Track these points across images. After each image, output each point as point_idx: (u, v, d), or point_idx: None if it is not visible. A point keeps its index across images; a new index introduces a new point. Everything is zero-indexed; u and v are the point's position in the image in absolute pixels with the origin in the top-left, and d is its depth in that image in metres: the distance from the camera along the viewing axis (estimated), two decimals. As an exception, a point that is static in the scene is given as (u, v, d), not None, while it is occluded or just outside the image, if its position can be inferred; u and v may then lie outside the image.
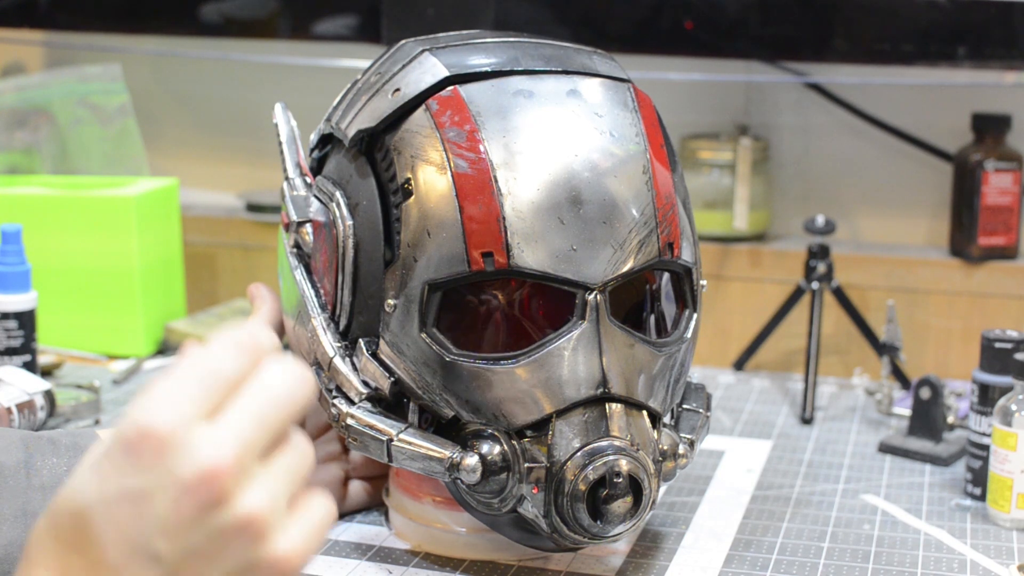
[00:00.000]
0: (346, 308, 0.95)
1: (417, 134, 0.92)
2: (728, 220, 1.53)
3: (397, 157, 0.93)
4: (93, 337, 1.49)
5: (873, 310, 1.48)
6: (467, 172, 0.90)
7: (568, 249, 0.89)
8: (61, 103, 1.64)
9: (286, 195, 1.02)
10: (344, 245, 0.94)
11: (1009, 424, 1.07)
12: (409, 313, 0.91)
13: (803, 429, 1.31)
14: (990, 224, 1.47)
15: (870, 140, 1.57)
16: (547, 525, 0.90)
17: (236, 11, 1.65)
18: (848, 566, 1.00)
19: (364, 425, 0.93)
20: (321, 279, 0.99)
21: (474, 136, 0.91)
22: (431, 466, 0.91)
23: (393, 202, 0.93)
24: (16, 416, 1.17)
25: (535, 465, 0.89)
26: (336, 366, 0.95)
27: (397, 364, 0.93)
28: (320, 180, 1.01)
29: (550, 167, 0.90)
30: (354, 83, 1.02)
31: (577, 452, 0.88)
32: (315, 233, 1.00)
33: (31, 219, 1.43)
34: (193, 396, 0.55)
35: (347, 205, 0.95)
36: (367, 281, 0.94)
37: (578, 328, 0.90)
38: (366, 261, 0.94)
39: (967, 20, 1.41)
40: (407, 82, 0.95)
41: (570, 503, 0.88)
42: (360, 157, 0.96)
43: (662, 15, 1.48)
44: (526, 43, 0.98)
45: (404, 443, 0.92)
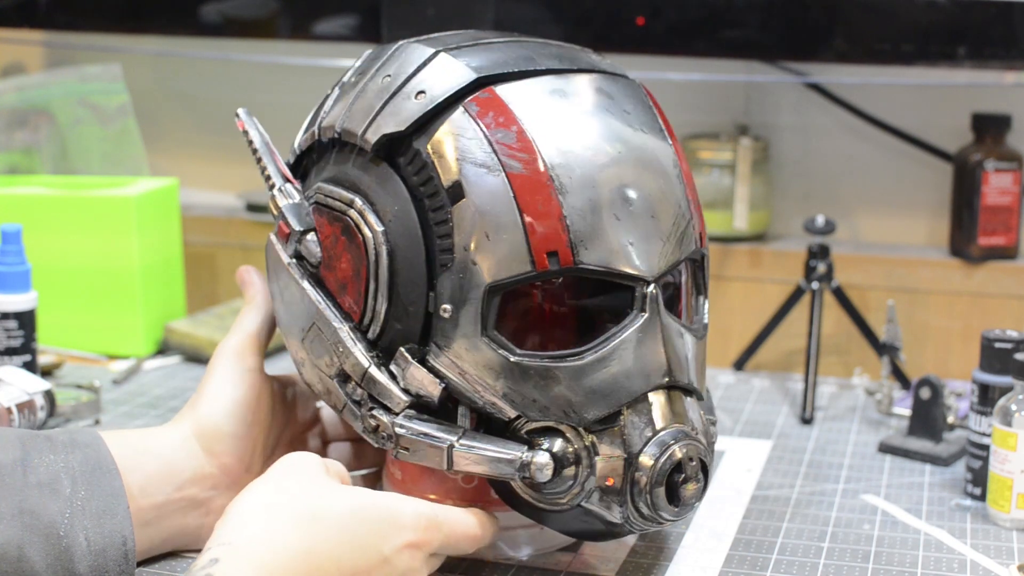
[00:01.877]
0: (379, 317, 0.93)
1: (460, 136, 0.91)
2: (728, 220, 1.53)
3: (438, 160, 0.91)
4: (93, 337, 1.49)
5: (873, 310, 1.48)
6: (522, 173, 0.90)
7: (625, 244, 0.91)
8: (61, 103, 1.64)
9: (281, 204, 0.99)
10: (376, 252, 0.92)
11: (1009, 424, 1.07)
12: (469, 317, 0.90)
13: (803, 429, 1.31)
14: (990, 224, 1.47)
15: (870, 140, 1.57)
16: (620, 515, 0.92)
17: (236, 11, 1.65)
18: (848, 566, 1.00)
19: (418, 434, 0.92)
20: (341, 289, 0.96)
21: (524, 136, 0.91)
22: (499, 468, 0.91)
23: (430, 205, 0.91)
24: (16, 416, 1.17)
25: (610, 457, 0.91)
26: (373, 376, 0.93)
27: (452, 369, 0.92)
28: (322, 187, 0.97)
29: (600, 165, 0.92)
30: (342, 86, 1.00)
31: (650, 441, 0.90)
32: (326, 242, 0.97)
33: (31, 219, 1.43)
34: None
35: (373, 211, 0.93)
36: (407, 288, 0.92)
37: (640, 320, 0.92)
38: (405, 268, 0.92)
39: (967, 20, 1.41)
40: (431, 85, 0.93)
41: (650, 490, 0.90)
42: (381, 162, 0.94)
43: (662, 15, 1.48)
44: (531, 42, 0.98)
45: (466, 447, 0.91)
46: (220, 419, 0.99)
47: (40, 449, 0.93)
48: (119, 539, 0.91)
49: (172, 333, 1.49)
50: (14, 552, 0.87)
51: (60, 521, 0.89)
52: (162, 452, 0.97)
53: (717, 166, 1.53)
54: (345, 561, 0.84)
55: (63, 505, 0.90)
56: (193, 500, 0.98)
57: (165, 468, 0.97)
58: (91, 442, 0.95)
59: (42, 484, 0.91)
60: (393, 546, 0.87)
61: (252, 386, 1.01)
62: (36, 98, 1.64)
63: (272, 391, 1.03)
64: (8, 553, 0.87)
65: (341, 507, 0.86)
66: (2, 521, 0.88)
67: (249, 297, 1.06)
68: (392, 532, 0.87)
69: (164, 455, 0.97)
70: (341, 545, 0.85)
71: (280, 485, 0.87)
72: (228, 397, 1.00)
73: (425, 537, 0.89)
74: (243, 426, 1.00)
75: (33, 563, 0.88)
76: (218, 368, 1.01)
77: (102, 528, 0.91)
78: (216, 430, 0.99)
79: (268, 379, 1.03)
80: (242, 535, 0.82)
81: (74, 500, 0.91)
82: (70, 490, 0.91)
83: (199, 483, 0.98)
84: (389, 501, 0.89)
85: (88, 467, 0.93)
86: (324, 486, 0.88)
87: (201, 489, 0.98)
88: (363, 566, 0.85)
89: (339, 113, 0.97)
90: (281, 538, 0.83)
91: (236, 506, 0.85)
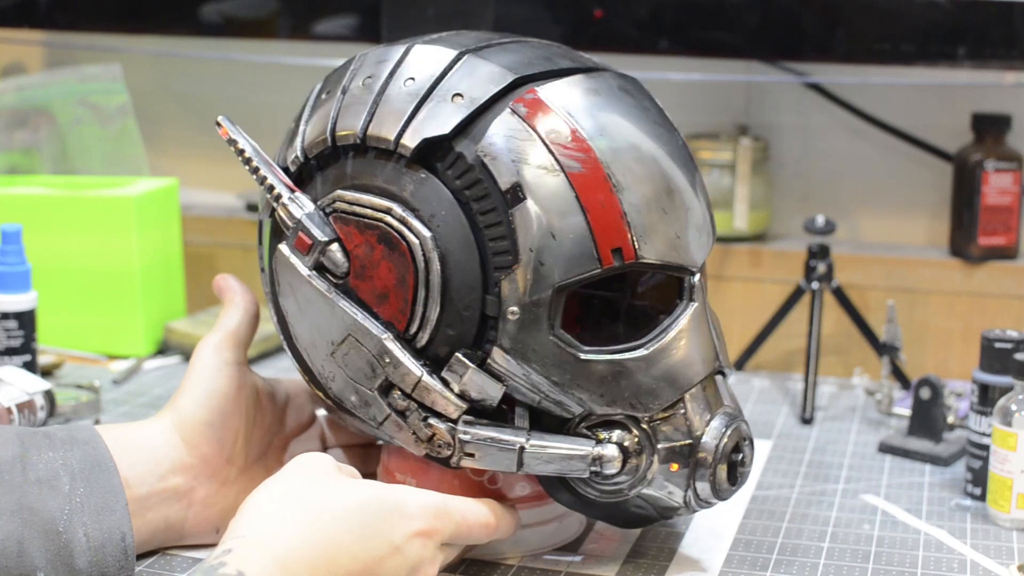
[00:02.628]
0: (430, 323, 0.92)
1: (512, 138, 0.91)
2: (728, 220, 1.53)
3: (492, 163, 0.90)
4: (93, 337, 1.49)
5: (873, 310, 1.48)
6: (581, 172, 0.91)
7: (675, 237, 0.94)
8: (61, 103, 1.64)
9: (298, 215, 0.95)
10: (426, 258, 0.91)
11: (1009, 424, 1.06)
12: (536, 317, 0.91)
13: (803, 429, 1.31)
14: (990, 224, 1.47)
15: (870, 140, 1.57)
16: (682, 499, 0.95)
17: (236, 11, 1.65)
18: (848, 566, 1.00)
19: (485, 438, 0.93)
20: (380, 299, 0.93)
21: (577, 136, 0.91)
22: (571, 465, 0.93)
23: (478, 208, 0.91)
24: (16, 416, 1.17)
25: (676, 443, 0.94)
26: (428, 385, 0.92)
27: (517, 370, 0.91)
28: (343, 195, 0.94)
29: (647, 160, 0.93)
30: (345, 91, 0.96)
31: (710, 424, 0.95)
32: (357, 251, 0.93)
33: (31, 219, 1.43)
34: None
35: (416, 217, 0.92)
36: (460, 292, 0.91)
37: (691, 309, 0.96)
38: (457, 272, 0.91)
39: (967, 20, 1.41)
40: (467, 87, 0.92)
41: (714, 472, 0.95)
42: (419, 167, 0.92)
43: (662, 15, 1.48)
44: (533, 42, 0.99)
45: (538, 448, 0.92)
46: (196, 409, 1.00)
47: (39, 446, 0.93)
48: (118, 535, 0.91)
49: (172, 333, 1.49)
50: (14, 548, 0.88)
51: (59, 517, 0.90)
52: (144, 444, 0.98)
53: (717, 166, 1.53)
54: (357, 551, 0.85)
55: (62, 502, 0.91)
56: (176, 491, 0.98)
57: (147, 459, 0.97)
58: (90, 439, 0.95)
59: (41, 481, 0.91)
60: (403, 535, 0.88)
61: (230, 377, 1.01)
62: (36, 98, 1.64)
63: (256, 387, 1.04)
64: (8, 549, 0.88)
65: (349, 499, 0.87)
66: (2, 517, 0.89)
67: (228, 300, 1.07)
68: (400, 521, 0.88)
69: (146, 447, 0.98)
70: (351, 535, 0.85)
71: (290, 482, 0.88)
72: (204, 387, 1.01)
73: (435, 525, 0.90)
74: (219, 416, 1.00)
75: (33, 558, 0.88)
76: (197, 362, 1.03)
77: (101, 524, 0.91)
78: (192, 419, 1.00)
79: (249, 374, 1.04)
80: (254, 528, 0.83)
81: (73, 497, 0.91)
82: (69, 487, 0.91)
83: (180, 473, 0.99)
84: (396, 492, 0.89)
85: (87, 464, 0.93)
86: (334, 481, 0.88)
87: (183, 479, 0.99)
88: (375, 556, 0.86)
89: (357, 119, 0.94)
90: (293, 530, 0.84)
91: (248, 502, 0.86)
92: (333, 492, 0.87)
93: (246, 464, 1.03)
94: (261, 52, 1.70)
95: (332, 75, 1.00)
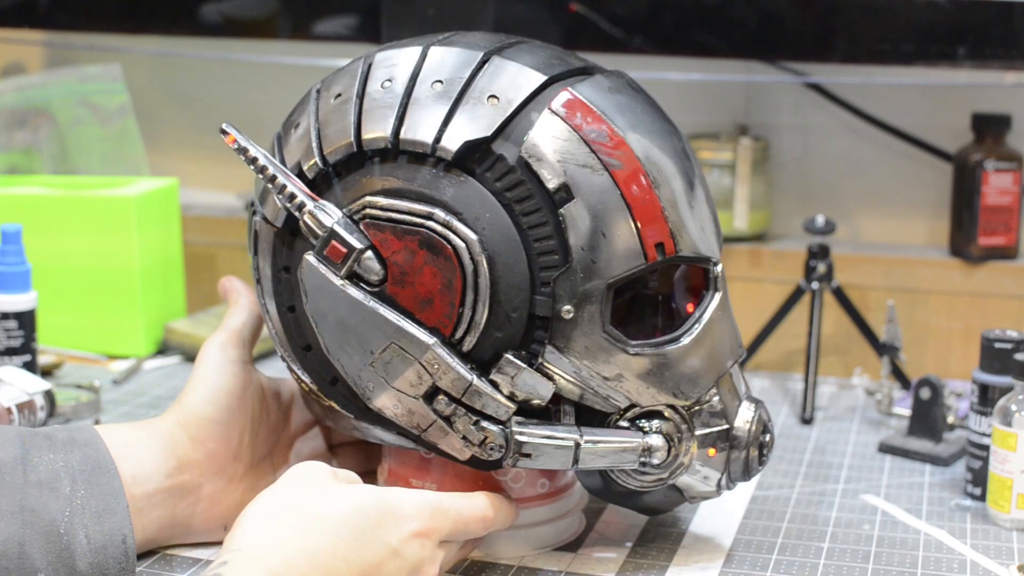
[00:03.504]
0: (478, 327, 0.91)
1: (556, 138, 0.92)
2: (728, 220, 1.53)
3: (537, 164, 0.91)
4: (93, 337, 1.49)
5: (873, 310, 1.48)
6: (623, 170, 0.92)
7: (700, 229, 0.97)
8: (61, 103, 1.64)
9: (329, 224, 0.92)
10: (474, 262, 0.91)
11: (1009, 424, 1.07)
12: (590, 315, 0.92)
13: (803, 429, 1.31)
14: (990, 224, 1.47)
15: (870, 140, 1.57)
16: (717, 482, 0.99)
17: (236, 11, 1.65)
18: (848, 566, 1.00)
19: (542, 437, 0.93)
20: (424, 304, 0.92)
21: (615, 135, 0.93)
22: (623, 458, 0.95)
23: (522, 209, 0.91)
24: (16, 416, 1.17)
25: (712, 429, 0.98)
26: (479, 388, 0.92)
27: (568, 368, 0.93)
28: (374, 201, 0.92)
29: (671, 156, 0.96)
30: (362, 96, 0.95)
31: (739, 409, 0.99)
32: (395, 258, 0.92)
33: (31, 219, 1.43)
34: None
35: (460, 220, 0.91)
36: (508, 294, 0.91)
37: (716, 299, 0.99)
38: (506, 274, 0.91)
39: (967, 20, 1.41)
40: (501, 88, 0.93)
41: (747, 454, 0.99)
42: (458, 171, 0.92)
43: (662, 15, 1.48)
44: (535, 43, 1.00)
45: (592, 443, 0.94)
46: (202, 406, 1.01)
47: (40, 447, 0.93)
48: (119, 537, 0.92)
49: (172, 333, 1.49)
50: (15, 549, 0.88)
51: (60, 519, 0.90)
52: (150, 442, 0.98)
53: (717, 166, 1.53)
54: (353, 558, 0.85)
55: (63, 504, 0.91)
56: (182, 488, 0.99)
57: (154, 457, 0.98)
58: (90, 440, 0.95)
59: (42, 483, 0.91)
60: (399, 537, 0.88)
61: (235, 375, 1.02)
62: (36, 98, 1.64)
63: (261, 386, 1.05)
64: (9, 550, 0.88)
65: (343, 506, 0.87)
66: (3, 519, 0.89)
67: (232, 301, 1.07)
68: (396, 523, 0.88)
69: (153, 445, 0.98)
70: (346, 542, 0.85)
71: (286, 493, 0.88)
72: (210, 384, 1.01)
73: (431, 524, 0.90)
74: (225, 412, 1.01)
75: (34, 560, 0.88)
76: (202, 361, 1.03)
77: (102, 526, 0.91)
78: (199, 416, 1.00)
79: (254, 372, 1.04)
80: (249, 541, 0.84)
81: (73, 499, 0.91)
82: (69, 489, 0.92)
83: (187, 470, 0.99)
84: (390, 494, 0.89)
85: (87, 467, 0.93)
86: (328, 488, 0.88)
87: (190, 476, 0.99)
88: (372, 561, 0.86)
89: (385, 123, 0.93)
90: (287, 541, 0.84)
91: (244, 515, 0.86)
92: (327, 500, 0.87)
93: (252, 461, 1.03)
94: (261, 52, 1.70)
95: (335, 79, 0.98)
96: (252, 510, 0.86)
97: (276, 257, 0.98)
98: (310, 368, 0.98)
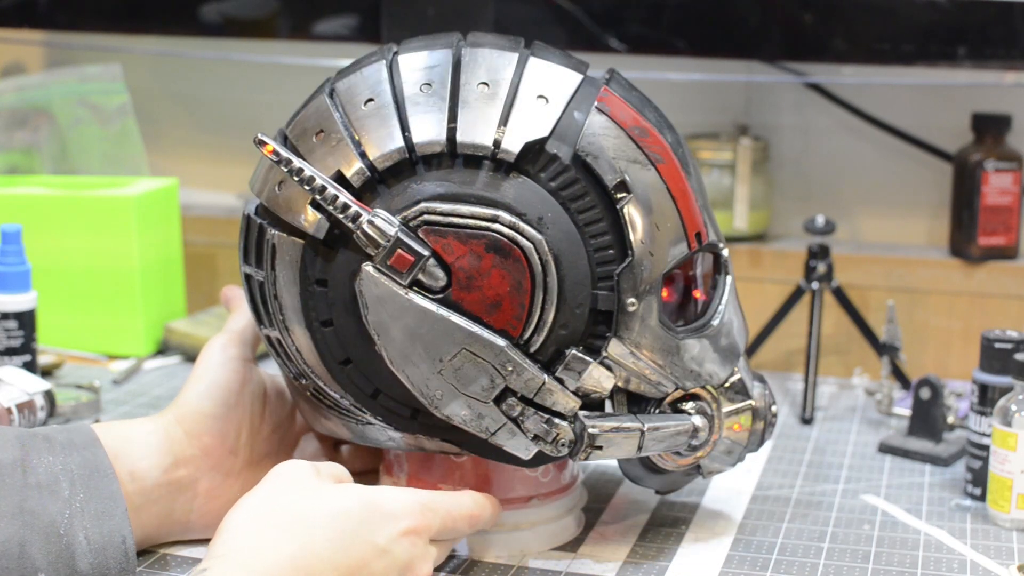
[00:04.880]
0: (546, 325, 0.92)
1: (607, 136, 0.94)
2: (728, 220, 1.53)
3: (594, 161, 0.93)
4: (93, 337, 1.49)
5: (873, 310, 1.48)
6: (663, 163, 0.96)
7: (709, 217, 1.01)
8: (61, 103, 1.64)
9: (392, 233, 0.90)
10: (543, 261, 0.91)
11: (1009, 424, 1.07)
12: (649, 306, 0.95)
13: (803, 429, 1.31)
14: (990, 224, 1.47)
15: (870, 140, 1.57)
16: (737, 457, 1.03)
17: (236, 11, 1.65)
18: (848, 566, 1.00)
19: (611, 429, 0.95)
20: (492, 307, 0.91)
21: (651, 130, 0.96)
22: (676, 441, 0.99)
23: (577, 207, 0.92)
24: (16, 416, 1.17)
25: (736, 405, 1.02)
26: (550, 387, 0.93)
27: (629, 359, 0.95)
28: (432, 207, 0.91)
29: (682, 147, 1.01)
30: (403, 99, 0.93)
31: (753, 387, 1.03)
32: (460, 263, 0.91)
33: (31, 219, 1.43)
34: None
35: (524, 221, 0.91)
36: (573, 291, 0.92)
37: (727, 282, 1.03)
38: (571, 271, 0.92)
39: (967, 20, 1.41)
40: (546, 88, 0.94)
41: (763, 429, 1.04)
42: (514, 171, 0.92)
43: (662, 15, 1.48)
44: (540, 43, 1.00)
45: (654, 429, 0.97)
46: (198, 401, 1.01)
47: (39, 449, 0.93)
48: (118, 538, 0.92)
49: (172, 333, 1.49)
50: (15, 549, 0.88)
51: (60, 520, 0.90)
52: (148, 439, 0.99)
53: (717, 166, 1.53)
54: (339, 560, 0.85)
55: (62, 506, 0.91)
56: (179, 484, 0.99)
57: (151, 453, 0.98)
58: (88, 444, 0.95)
59: (41, 485, 0.91)
60: (388, 536, 0.87)
61: (234, 371, 1.02)
62: (36, 98, 1.64)
63: (263, 383, 1.05)
64: (9, 551, 0.88)
65: (328, 507, 0.87)
66: (3, 519, 0.89)
67: (235, 307, 1.08)
68: (384, 523, 0.88)
69: (150, 441, 0.99)
70: (332, 543, 0.85)
71: (268, 495, 0.88)
72: (208, 381, 1.02)
73: (422, 522, 0.90)
74: (221, 407, 1.01)
75: (34, 560, 0.88)
76: (202, 360, 1.03)
77: (101, 528, 0.91)
78: (194, 411, 1.01)
79: (255, 370, 1.05)
80: (232, 547, 0.84)
81: (73, 502, 0.91)
82: (68, 492, 0.92)
83: (184, 465, 0.99)
84: (377, 494, 0.89)
85: (86, 470, 0.93)
86: (311, 489, 0.88)
87: (187, 471, 0.99)
88: (358, 561, 0.86)
89: (437, 127, 0.92)
90: (270, 545, 0.83)
91: (227, 521, 0.86)
92: (311, 502, 0.87)
93: (253, 458, 1.03)
94: (261, 52, 1.70)
95: (354, 84, 0.95)
96: (234, 515, 0.86)
97: (306, 270, 0.93)
98: (347, 382, 0.95)
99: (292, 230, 0.93)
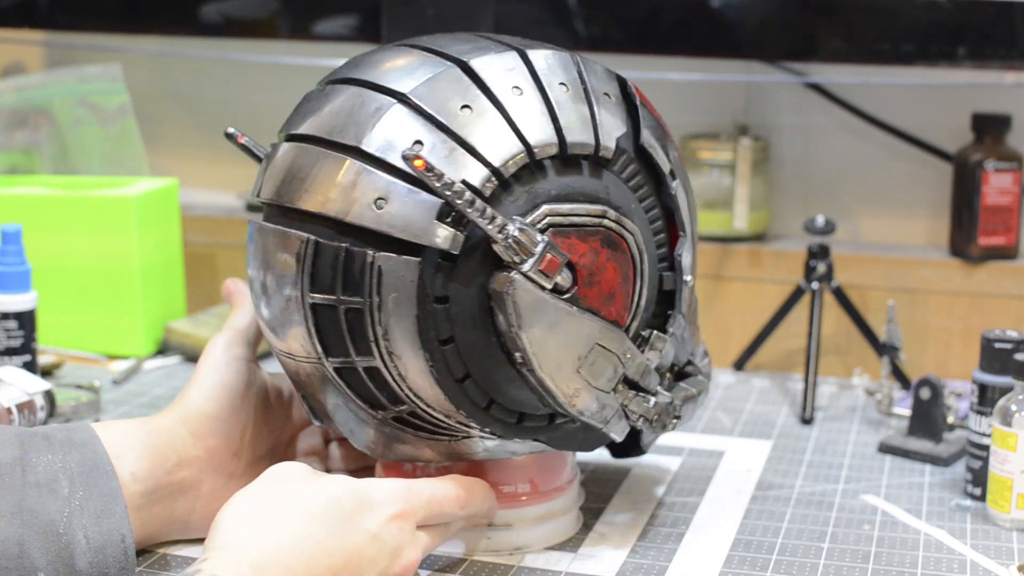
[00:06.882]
0: (641, 311, 0.98)
1: (654, 127, 1.00)
2: (728, 220, 1.53)
3: (654, 152, 0.98)
4: (93, 337, 1.49)
5: (873, 310, 1.48)
6: (678, 150, 1.03)
7: None
8: (61, 103, 1.64)
9: (540, 240, 0.90)
10: (640, 250, 0.96)
11: (1009, 424, 1.07)
12: (695, 280, 1.03)
13: (803, 429, 1.31)
14: (990, 224, 1.47)
15: (870, 140, 1.57)
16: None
17: (236, 11, 1.65)
18: (848, 566, 1.00)
19: (687, 399, 1.02)
20: (608, 300, 0.94)
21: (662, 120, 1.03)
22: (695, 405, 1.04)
23: (638, 196, 0.98)
24: (16, 416, 1.17)
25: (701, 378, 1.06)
26: (649, 368, 0.98)
27: (684, 332, 1.02)
28: (555, 208, 0.91)
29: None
30: (499, 103, 0.92)
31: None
32: (583, 261, 0.92)
33: (31, 219, 1.43)
34: None
35: (623, 213, 0.95)
36: (651, 276, 0.98)
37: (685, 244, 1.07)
38: (649, 257, 0.98)
39: (967, 20, 1.41)
40: (603, 86, 0.98)
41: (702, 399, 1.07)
42: (601, 168, 0.95)
43: (662, 15, 1.48)
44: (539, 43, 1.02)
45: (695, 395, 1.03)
46: (204, 402, 1.01)
47: (38, 448, 0.93)
48: (118, 537, 0.92)
49: (172, 333, 1.49)
50: (14, 548, 0.88)
51: (59, 519, 0.90)
52: (151, 438, 0.98)
53: (717, 166, 1.53)
54: (333, 546, 0.86)
55: (61, 504, 0.91)
56: (182, 484, 0.99)
57: (154, 453, 0.98)
58: (88, 442, 0.95)
59: (40, 484, 0.91)
60: (376, 522, 0.89)
61: (238, 372, 1.02)
62: (36, 98, 1.64)
63: (264, 383, 1.05)
64: (8, 549, 0.88)
65: (317, 497, 0.88)
66: (2, 518, 0.89)
67: (237, 303, 1.08)
68: (370, 509, 0.89)
69: (153, 441, 0.98)
70: (325, 531, 0.86)
71: (262, 491, 0.89)
72: (212, 381, 1.02)
73: (406, 507, 0.91)
74: (227, 409, 1.01)
75: (34, 559, 0.88)
76: (206, 359, 1.04)
77: (101, 526, 0.91)
78: (200, 412, 1.01)
79: (258, 370, 1.05)
80: (229, 538, 0.84)
81: (72, 500, 0.91)
82: (68, 490, 0.92)
83: (187, 467, 0.99)
84: (362, 483, 0.90)
85: (86, 468, 0.93)
86: (303, 483, 0.89)
87: (190, 473, 0.99)
88: (353, 548, 0.87)
89: (546, 129, 0.92)
90: (266, 535, 0.85)
91: (222, 514, 0.87)
92: (303, 493, 0.88)
93: (253, 459, 1.04)
94: (261, 52, 1.70)
95: (432, 92, 0.92)
96: (230, 508, 0.87)
97: (426, 289, 0.90)
98: (462, 399, 0.93)
99: (404, 249, 0.90)
